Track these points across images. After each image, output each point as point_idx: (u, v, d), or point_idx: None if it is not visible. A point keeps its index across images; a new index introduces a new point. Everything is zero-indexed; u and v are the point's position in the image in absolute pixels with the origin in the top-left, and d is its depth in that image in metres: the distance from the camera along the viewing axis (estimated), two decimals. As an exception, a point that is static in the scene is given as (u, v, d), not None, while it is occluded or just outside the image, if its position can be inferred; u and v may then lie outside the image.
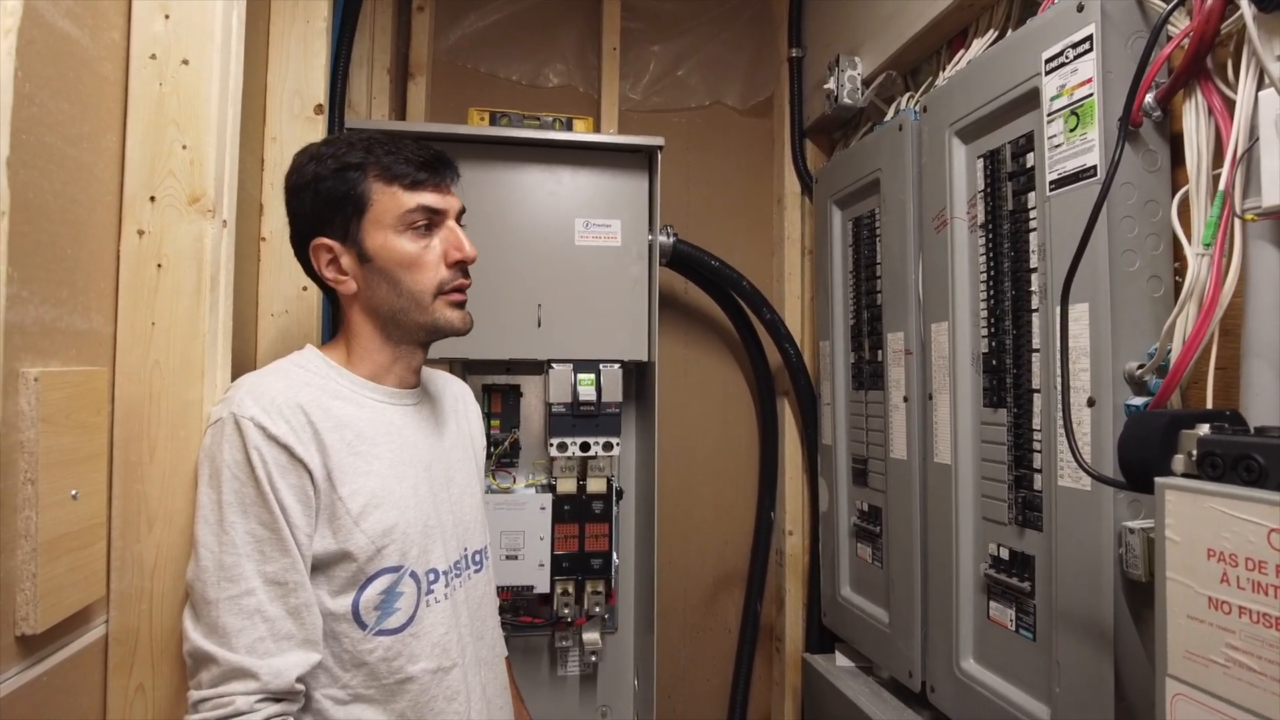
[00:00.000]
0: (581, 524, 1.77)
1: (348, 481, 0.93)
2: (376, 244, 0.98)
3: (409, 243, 0.98)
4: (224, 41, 0.94)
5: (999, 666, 1.26)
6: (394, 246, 0.98)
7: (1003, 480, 1.24)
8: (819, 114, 1.97)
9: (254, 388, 0.91)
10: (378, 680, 0.94)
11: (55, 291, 0.77)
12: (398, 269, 0.98)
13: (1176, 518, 0.72)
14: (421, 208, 0.99)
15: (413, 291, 0.99)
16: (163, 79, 0.91)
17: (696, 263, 1.95)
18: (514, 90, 2.12)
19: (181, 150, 0.91)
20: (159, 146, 0.91)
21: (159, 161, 0.91)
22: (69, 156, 0.79)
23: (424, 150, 1.01)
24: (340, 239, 0.98)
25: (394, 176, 0.98)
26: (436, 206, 1.00)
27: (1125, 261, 1.04)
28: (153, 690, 0.89)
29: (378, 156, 0.98)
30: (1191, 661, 0.70)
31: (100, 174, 0.86)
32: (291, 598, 0.88)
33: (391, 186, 0.98)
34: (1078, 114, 1.07)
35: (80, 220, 0.82)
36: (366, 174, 0.97)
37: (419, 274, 0.99)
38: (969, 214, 1.34)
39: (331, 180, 0.98)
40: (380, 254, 0.98)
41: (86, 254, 0.83)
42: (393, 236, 0.98)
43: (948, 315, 1.36)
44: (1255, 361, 0.90)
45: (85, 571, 0.81)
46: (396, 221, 0.98)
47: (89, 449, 0.82)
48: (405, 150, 0.99)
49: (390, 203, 0.97)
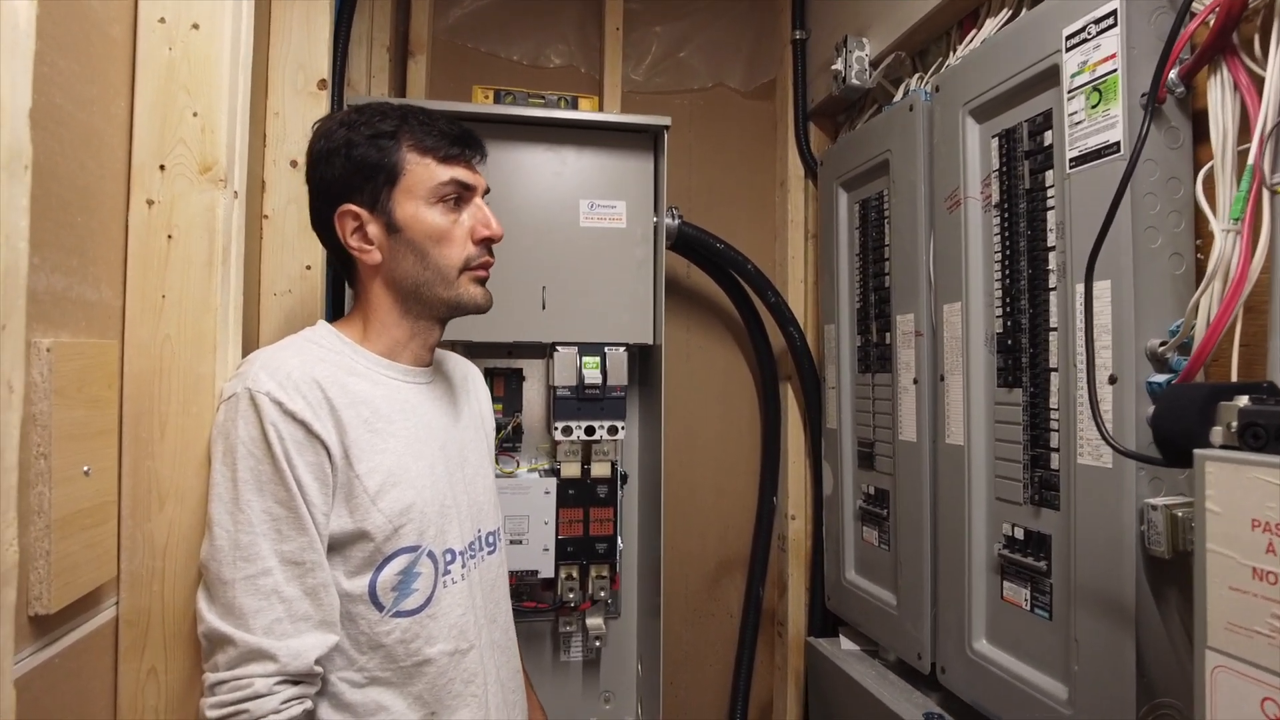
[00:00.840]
0: (586, 508, 1.75)
1: (365, 459, 0.91)
2: (407, 214, 0.96)
3: (439, 216, 0.97)
4: (235, 7, 0.91)
5: (1013, 646, 1.26)
6: (424, 218, 0.96)
7: (1018, 460, 1.24)
8: (823, 96, 1.95)
9: (269, 362, 0.88)
10: (395, 662, 0.93)
11: (66, 260, 0.74)
12: (427, 241, 0.97)
13: (1218, 489, 0.71)
14: (454, 181, 0.98)
15: (439, 265, 0.98)
16: (172, 43, 0.88)
17: (701, 245, 1.93)
18: (515, 70, 2.09)
19: (192, 118, 0.88)
20: (169, 113, 0.88)
21: (169, 129, 0.88)
22: (78, 120, 0.76)
23: (457, 125, 1.01)
24: (369, 207, 0.97)
25: (429, 148, 0.97)
26: (468, 182, 1.00)
27: (1147, 239, 1.03)
28: (165, 674, 0.87)
29: (412, 127, 0.97)
30: (1233, 633, 0.69)
31: (109, 140, 0.83)
32: (309, 578, 0.86)
33: (426, 158, 0.97)
34: (1100, 90, 1.06)
35: (90, 187, 0.79)
36: (400, 143, 0.96)
37: (447, 248, 0.98)
38: (983, 194, 1.33)
39: (365, 146, 0.96)
40: (410, 225, 0.96)
41: (96, 223, 0.80)
42: (424, 208, 0.97)
43: (961, 296, 1.36)
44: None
45: (98, 550, 0.79)
46: (429, 193, 0.97)
47: (100, 424, 0.80)
48: (440, 123, 0.99)
49: (424, 174, 0.96)
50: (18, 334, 0.52)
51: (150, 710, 0.86)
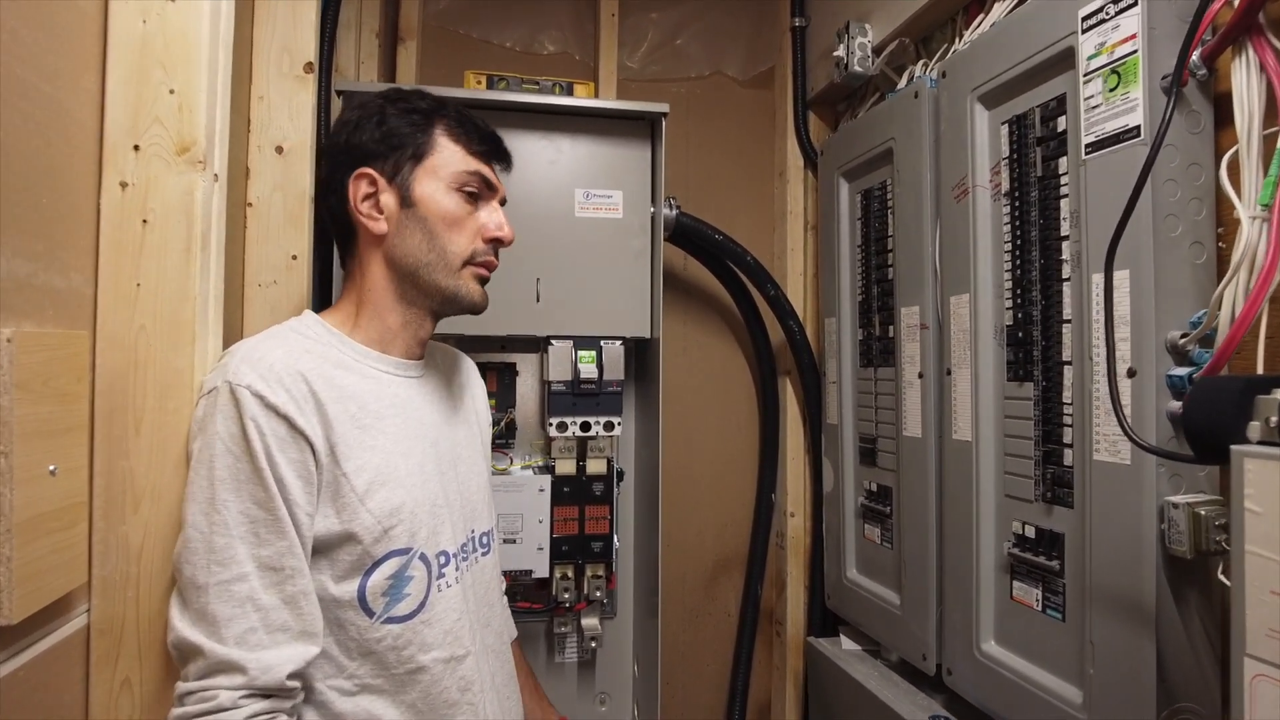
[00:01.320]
0: (581, 506, 1.71)
1: (352, 457, 0.86)
2: (425, 192, 0.96)
3: (456, 203, 0.97)
4: (213, -24, 0.86)
5: (1023, 648, 1.22)
6: (441, 199, 0.96)
7: (1029, 456, 1.20)
8: (824, 85, 1.91)
9: (251, 354, 0.83)
10: (387, 670, 0.88)
11: (30, 244, 0.69)
12: (439, 222, 0.96)
13: (1257, 488, 0.67)
14: (478, 174, 1.00)
15: (445, 249, 0.96)
16: (146, 16, 0.83)
17: (699, 236, 1.88)
18: (507, 57, 2.04)
19: (169, 95, 0.83)
20: (143, 90, 0.82)
21: (144, 107, 0.83)
22: (44, 93, 0.71)
23: (490, 128, 1.05)
24: (389, 176, 0.96)
25: (461, 136, 1.00)
26: (490, 180, 1.02)
27: (1168, 227, 0.99)
28: (140, 685, 0.82)
29: (448, 114, 1.00)
30: (1275, 640, 0.65)
31: (79, 117, 0.78)
32: (288, 585, 0.81)
33: (456, 144, 0.99)
34: (1119, 73, 1.02)
35: (57, 167, 0.74)
36: (434, 124, 0.98)
37: (457, 234, 0.97)
38: (992, 182, 1.29)
39: (399, 119, 0.97)
40: (425, 201, 0.95)
41: (65, 205, 0.75)
42: (443, 190, 0.97)
43: (969, 287, 1.32)
44: (1312, 328, 0.86)
45: (66, 555, 0.74)
46: (451, 177, 0.97)
47: (69, 420, 0.75)
48: (475, 120, 1.03)
49: (451, 158, 0.98)
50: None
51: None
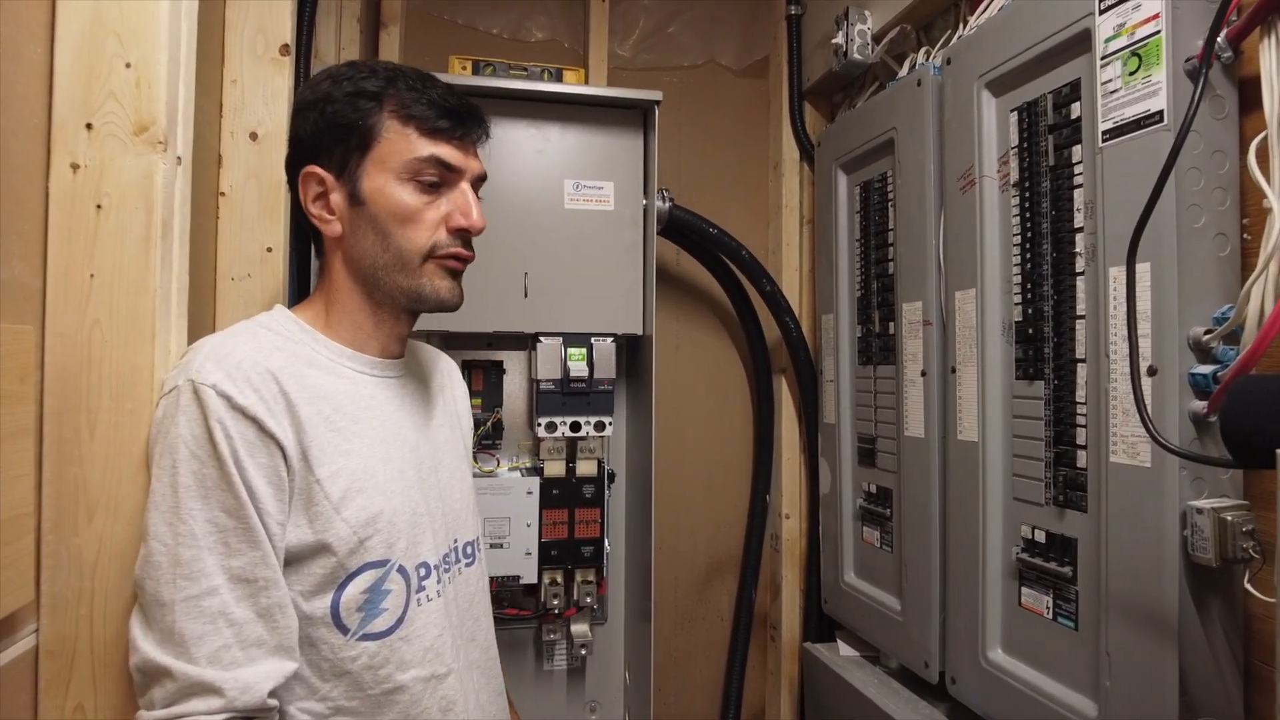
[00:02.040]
0: (571, 509, 1.65)
1: (327, 462, 0.80)
2: (374, 186, 0.85)
3: (409, 194, 0.86)
4: (175, -61, 0.79)
5: (1032, 657, 1.18)
6: (391, 194, 0.85)
7: (1039, 458, 1.15)
8: (821, 74, 1.86)
9: (216, 351, 0.77)
10: (362, 691, 0.82)
11: (-35, 229, 0.63)
12: (390, 220, 0.85)
13: (1307, 496, 0.62)
14: (435, 159, 0.86)
15: (400, 248, 0.86)
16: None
17: (693, 230, 1.83)
18: (494, 43, 1.97)
19: (125, 69, 0.77)
20: (96, 63, 0.76)
21: (96, 81, 0.76)
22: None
23: (454, 97, 0.88)
24: (336, 172, 0.86)
25: (412, 117, 0.85)
26: (452, 163, 0.88)
27: (1190, 217, 0.95)
28: (94, 712, 0.76)
29: (399, 90, 0.85)
30: (1328, 661, 0.60)
31: (22, 91, 0.71)
32: (262, 597, 0.74)
33: (407, 128, 0.85)
34: (1140, 55, 0.97)
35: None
36: (383, 106, 0.85)
37: (412, 230, 0.86)
38: (1000, 172, 1.24)
39: (341, 104, 0.85)
40: (375, 198, 0.85)
41: (7, 189, 0.68)
42: (393, 183, 0.85)
43: (975, 282, 1.27)
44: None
45: (11, 571, 0.67)
46: (402, 168, 0.85)
47: (12, 424, 0.68)
48: (432, 91, 0.87)
49: (401, 145, 0.85)
50: None
51: (77, 753, 0.75)
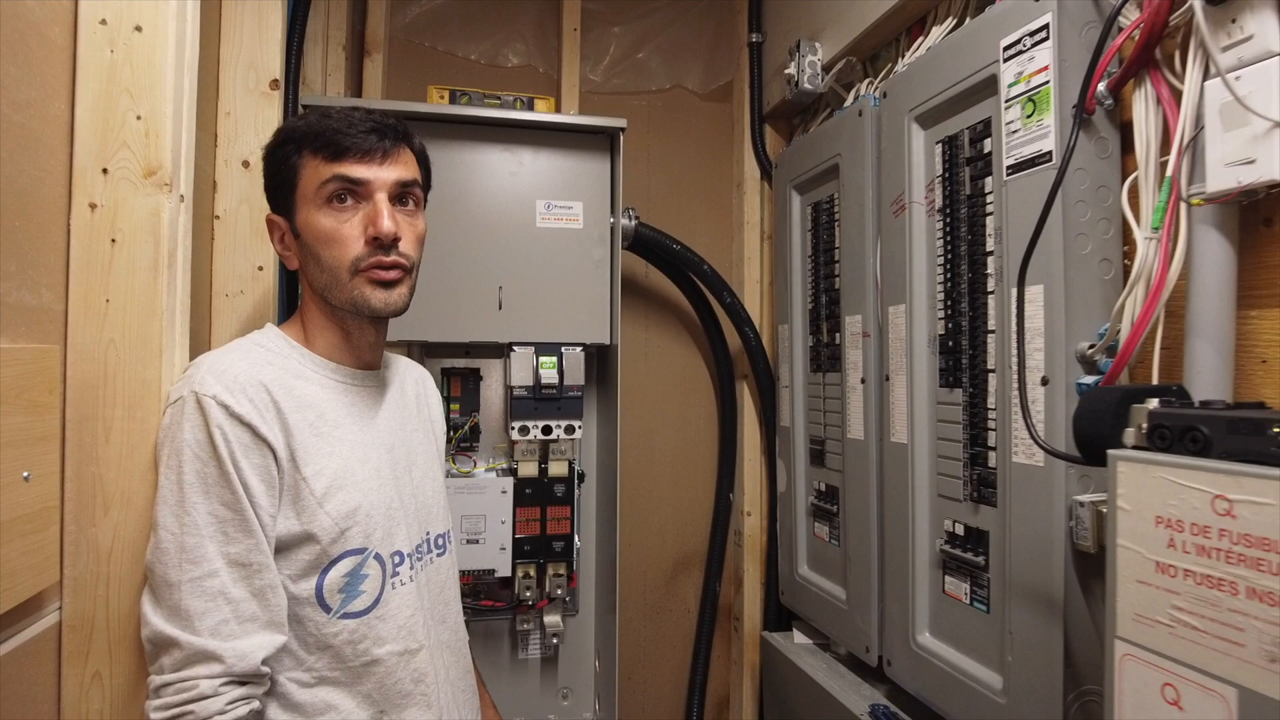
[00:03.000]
0: (543, 507, 1.76)
1: (311, 462, 0.92)
2: (302, 219, 0.96)
3: (325, 217, 0.95)
4: (180, 8, 0.91)
5: (954, 638, 1.30)
6: (312, 221, 0.95)
7: (958, 458, 1.28)
8: (779, 99, 1.98)
9: (215, 365, 0.89)
10: (343, 663, 0.94)
11: (4, 265, 0.74)
12: (317, 244, 0.95)
13: (1127, 487, 0.75)
14: (338, 177, 0.94)
15: (331, 267, 0.95)
16: (114, 45, 0.87)
17: (658, 246, 1.95)
18: (472, 69, 2.09)
19: (136, 121, 0.88)
20: (111, 116, 0.87)
21: (111, 132, 0.87)
22: (15, 122, 0.76)
23: (362, 119, 0.96)
24: (284, 214, 0.99)
25: (319, 147, 0.94)
26: (356, 176, 0.94)
27: (1078, 245, 1.07)
28: (110, 678, 0.87)
29: (313, 128, 0.95)
30: (1139, 623, 0.73)
31: (48, 142, 0.82)
32: (255, 579, 0.86)
33: (315, 159, 0.95)
34: (1034, 100, 1.10)
35: (27, 190, 0.78)
36: (301, 148, 0.95)
37: (336, 249, 0.95)
38: (927, 199, 1.37)
39: (273, 153, 0.98)
40: (304, 229, 0.96)
41: (35, 226, 0.80)
42: (314, 211, 0.95)
43: (905, 298, 1.39)
44: (1198, 341, 0.94)
45: (39, 556, 0.79)
46: (315, 194, 0.95)
47: (41, 429, 0.79)
48: (344, 120, 0.95)
49: (312, 175, 0.95)
50: (-51, 344, 0.52)
51: (95, 715, 0.86)
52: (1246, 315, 0.94)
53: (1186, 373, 0.95)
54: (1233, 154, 0.87)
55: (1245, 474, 0.64)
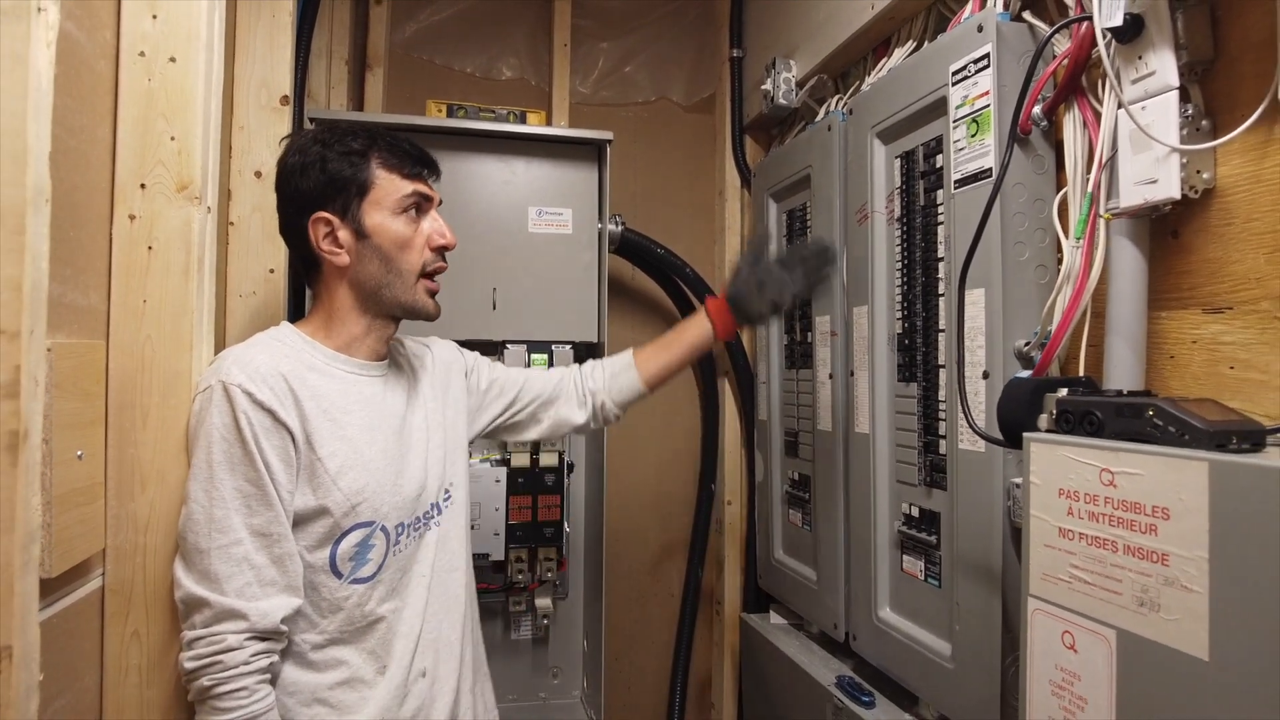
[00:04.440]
0: (535, 495, 1.87)
1: (325, 444, 1.03)
2: (375, 222, 1.09)
3: (403, 225, 1.11)
4: (208, 40, 1.02)
5: (911, 612, 1.42)
6: (390, 227, 1.10)
7: (913, 446, 1.40)
8: (758, 112, 2.10)
9: (240, 358, 1.00)
10: (352, 624, 1.05)
11: (61, 270, 0.85)
12: (392, 247, 1.10)
13: (1038, 465, 0.87)
14: (416, 193, 1.12)
15: (402, 269, 1.11)
16: (151, 75, 0.98)
17: (643, 250, 2.07)
18: (468, 82, 2.20)
19: (170, 141, 0.99)
20: (148, 138, 0.98)
21: (148, 151, 0.98)
22: (71, 147, 0.87)
23: (418, 147, 1.15)
24: (340, 215, 1.08)
25: (395, 165, 1.11)
26: (427, 194, 1.15)
27: (1016, 252, 1.19)
28: (147, 636, 0.98)
29: (381, 147, 1.11)
30: (1046, 582, 0.85)
31: (95, 162, 0.93)
32: (275, 547, 0.98)
33: (392, 174, 1.10)
34: (978, 121, 1.22)
35: (79, 204, 0.89)
36: (370, 160, 1.10)
37: (409, 253, 1.11)
38: (887, 209, 1.48)
39: (338, 161, 1.09)
40: (377, 232, 1.09)
41: (85, 236, 0.91)
42: (390, 217, 1.10)
43: (868, 300, 1.51)
44: (1116, 339, 1.05)
45: (89, 525, 0.90)
46: (395, 204, 1.10)
47: (90, 415, 0.90)
48: (404, 144, 1.13)
49: (391, 187, 1.10)
50: (40, 338, 0.63)
51: (134, 668, 0.97)
52: (1157, 316, 1.06)
53: (1105, 366, 1.06)
54: (1139, 174, 0.98)
55: (1123, 449, 0.76)
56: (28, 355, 0.61)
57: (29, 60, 0.60)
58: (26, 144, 0.60)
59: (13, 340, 0.60)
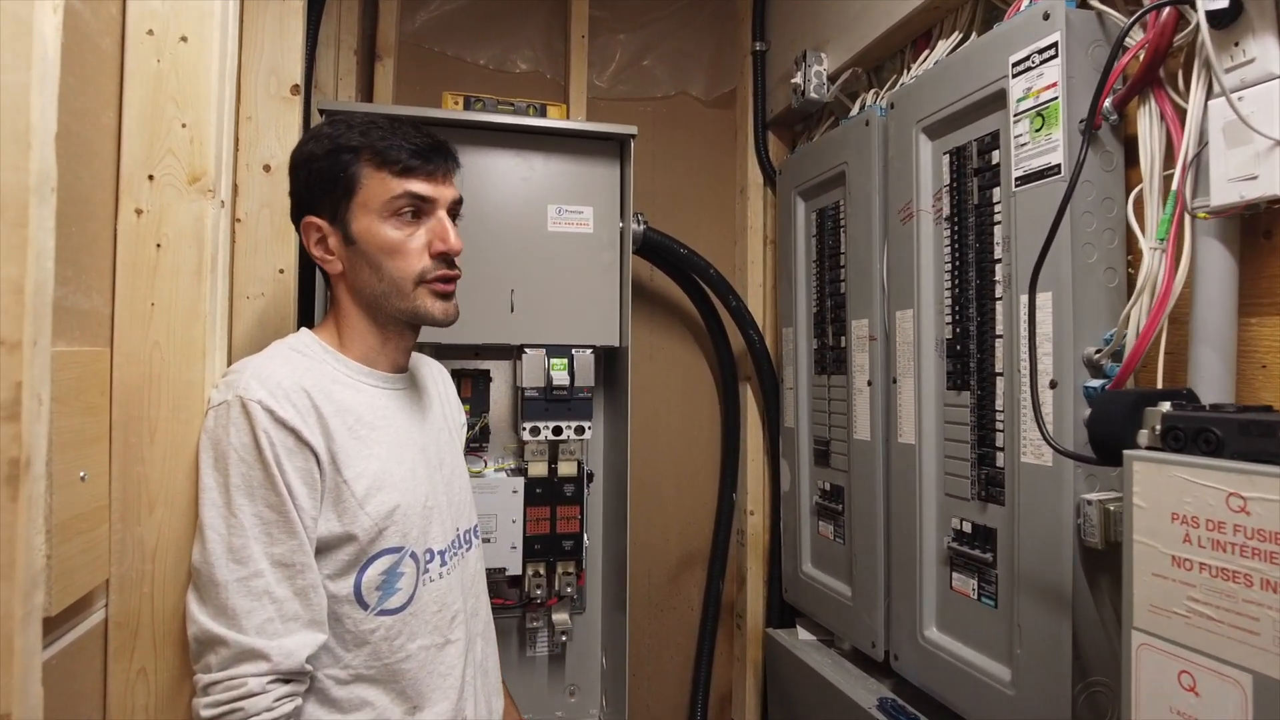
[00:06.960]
0: (553, 506, 1.79)
1: (351, 465, 0.94)
2: (361, 227, 0.98)
3: (392, 230, 0.99)
4: (223, 19, 0.93)
5: (961, 633, 1.34)
6: (376, 232, 0.98)
7: (965, 458, 1.32)
8: (782, 107, 2.02)
9: (259, 372, 0.91)
10: (379, 659, 0.96)
11: (62, 270, 0.76)
12: (379, 254, 0.99)
13: (1143, 486, 0.79)
14: (408, 194, 0.99)
15: (394, 278, 0.99)
16: (160, 55, 0.89)
17: (665, 250, 1.98)
18: (481, 74, 2.11)
19: (181, 129, 0.90)
20: (158, 124, 0.89)
21: (158, 140, 0.89)
22: (73, 132, 0.78)
23: (422, 137, 1.01)
24: (329, 219, 1.00)
25: (385, 162, 0.98)
26: (425, 194, 1.00)
27: (1084, 254, 1.12)
28: (154, 674, 0.89)
29: (373, 140, 0.98)
30: (1155, 614, 0.77)
31: (100, 150, 0.84)
32: (299, 579, 0.89)
33: (381, 172, 0.98)
34: (1043, 115, 1.14)
35: (82, 197, 0.80)
36: (359, 157, 0.98)
37: (400, 261, 0.99)
38: (934, 207, 1.41)
39: (324, 160, 0.99)
40: (363, 237, 0.99)
41: (88, 232, 0.82)
42: (377, 222, 0.98)
43: (913, 303, 1.43)
44: (1203, 348, 0.98)
45: (93, 554, 0.81)
46: (382, 207, 0.98)
47: (94, 431, 0.81)
48: (401, 135, 0.99)
49: (379, 188, 0.98)
50: (45, 348, 0.54)
51: (140, 710, 0.88)
52: (1247, 323, 0.98)
53: (1191, 377, 0.99)
54: (1236, 170, 0.91)
55: (1259, 473, 0.68)
56: (30, 369, 0.52)
57: (33, 24, 0.51)
58: (30, 122, 0.51)
59: (13, 352, 0.52)
